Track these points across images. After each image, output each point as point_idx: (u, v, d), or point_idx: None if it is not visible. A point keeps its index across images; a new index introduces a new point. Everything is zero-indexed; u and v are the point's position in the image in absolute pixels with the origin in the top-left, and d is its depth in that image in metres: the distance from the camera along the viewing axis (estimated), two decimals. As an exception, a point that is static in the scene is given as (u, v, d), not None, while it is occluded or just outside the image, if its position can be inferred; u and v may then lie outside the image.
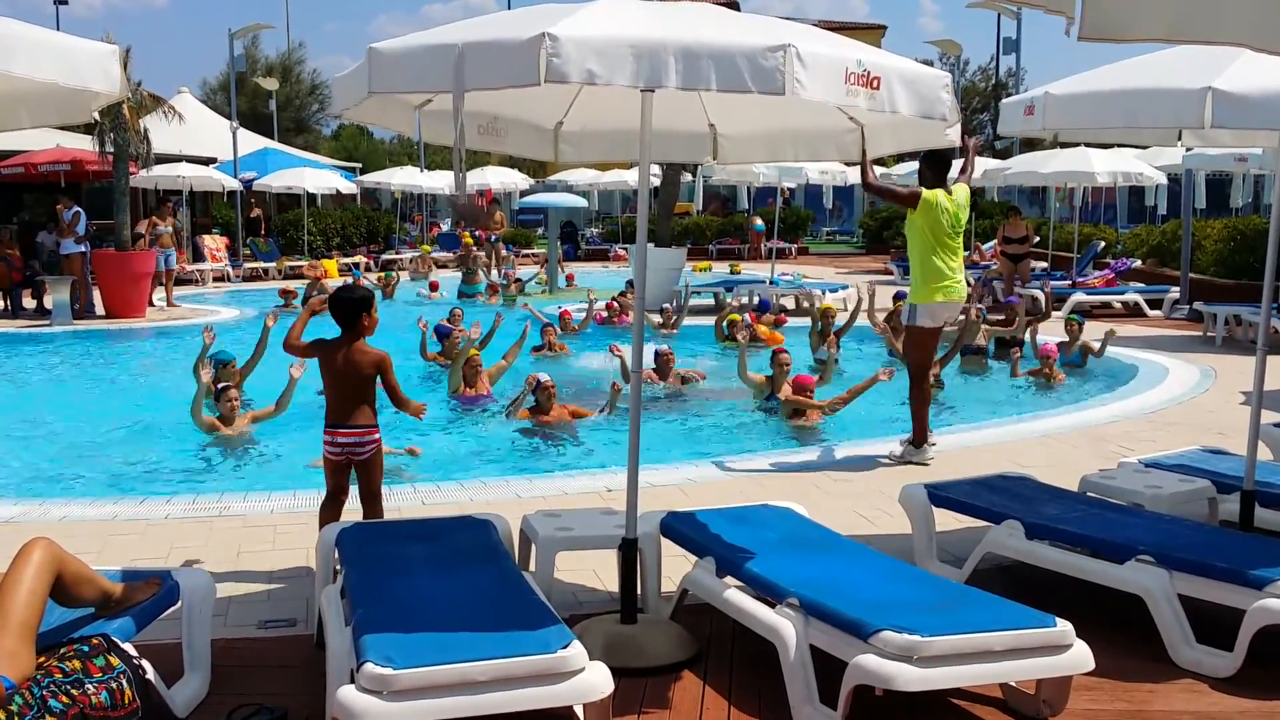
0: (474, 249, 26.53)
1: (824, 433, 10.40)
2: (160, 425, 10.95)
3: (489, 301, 22.09)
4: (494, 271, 26.22)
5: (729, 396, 12.18)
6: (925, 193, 8.34)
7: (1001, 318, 15.26)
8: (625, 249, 34.82)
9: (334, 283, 23.37)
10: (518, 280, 24.10)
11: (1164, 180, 24.59)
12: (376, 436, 6.09)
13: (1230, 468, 6.73)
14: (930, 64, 25.84)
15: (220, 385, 10.31)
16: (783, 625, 4.50)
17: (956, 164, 8.64)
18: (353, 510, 6.15)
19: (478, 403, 11.36)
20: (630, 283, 19.59)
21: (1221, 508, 6.43)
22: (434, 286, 23.86)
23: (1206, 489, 6.44)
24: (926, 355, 8.79)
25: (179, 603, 4.69)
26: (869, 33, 51.51)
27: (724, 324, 15.44)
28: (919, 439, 8.64)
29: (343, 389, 6.01)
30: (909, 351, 8.94)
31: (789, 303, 20.39)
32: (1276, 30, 4.03)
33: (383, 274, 24.60)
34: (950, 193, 8.40)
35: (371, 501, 6.16)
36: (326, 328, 6.11)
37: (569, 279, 25.55)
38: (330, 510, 6.10)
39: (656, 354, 12.79)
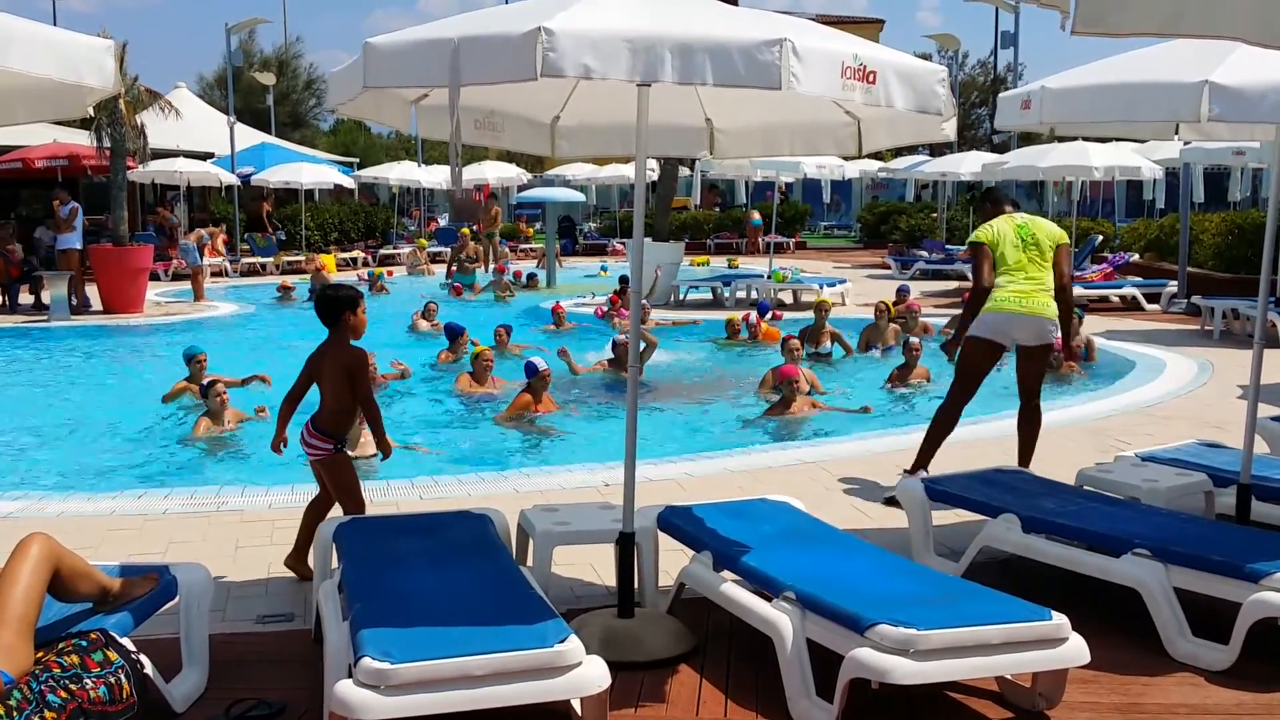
0: (470, 241, 26.53)
1: (820, 427, 10.41)
2: (158, 420, 10.96)
3: (475, 294, 22.43)
4: (491, 267, 26.24)
5: (726, 391, 12.19)
6: (973, 237, 7.69)
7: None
8: (623, 243, 34.84)
9: (334, 277, 23.42)
10: (531, 275, 24.19)
11: (1161, 174, 24.58)
12: (325, 447, 5.91)
13: (1226, 461, 6.74)
14: (929, 58, 25.91)
15: (208, 380, 10.31)
16: (779, 619, 4.51)
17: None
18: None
19: (481, 399, 11.36)
20: (624, 278, 19.63)
21: (1218, 501, 6.45)
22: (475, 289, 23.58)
23: (1203, 482, 6.46)
24: (969, 373, 7.75)
25: (177, 597, 4.69)
26: (867, 27, 51.50)
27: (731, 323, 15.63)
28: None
29: (321, 388, 5.95)
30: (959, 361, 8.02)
31: (786, 297, 20.41)
32: (1272, 24, 4.03)
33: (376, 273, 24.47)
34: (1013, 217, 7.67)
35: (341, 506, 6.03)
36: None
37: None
38: (312, 508, 6.10)
39: (614, 344, 12.73)
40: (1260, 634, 4.78)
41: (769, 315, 16.43)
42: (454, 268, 25.03)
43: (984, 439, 9.19)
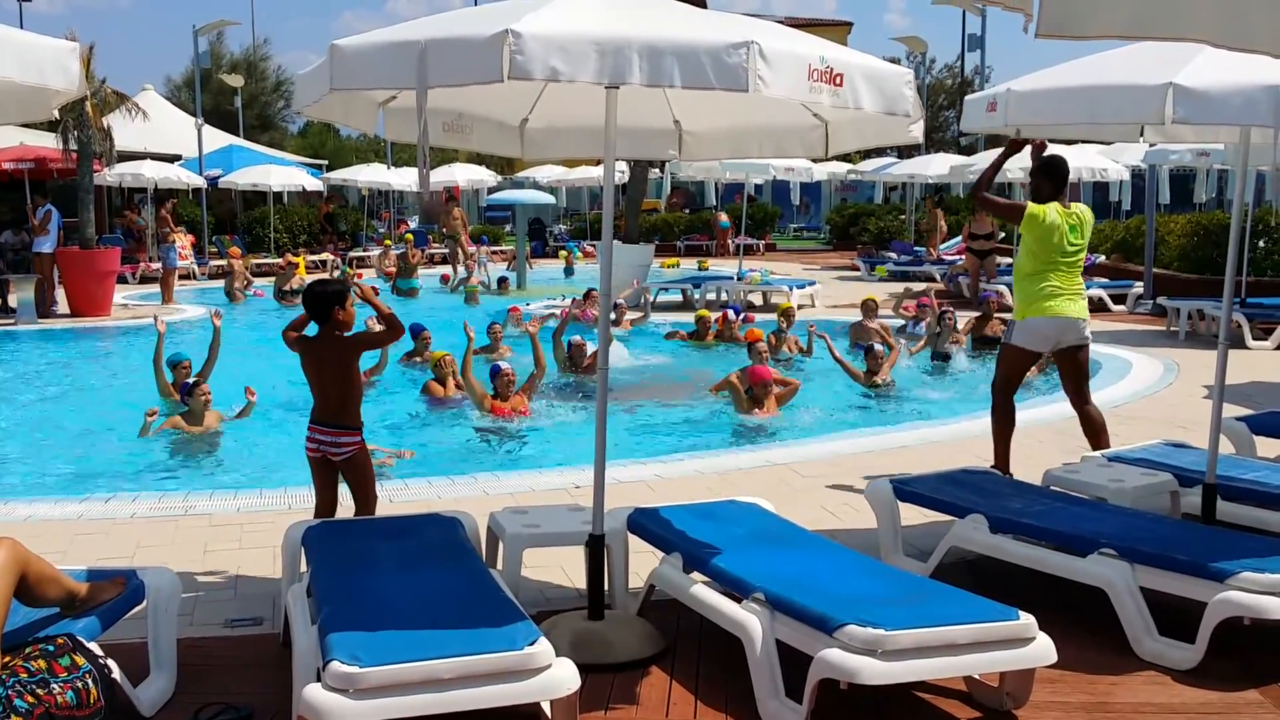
0: (411, 246, 26.43)
1: (789, 428, 10.43)
2: (126, 424, 10.86)
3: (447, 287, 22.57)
4: (460, 268, 26.16)
5: (696, 392, 12.19)
6: (1032, 207, 7.54)
7: (978, 314, 15.45)
8: (593, 245, 34.78)
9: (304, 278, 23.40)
10: (501, 278, 24.20)
11: (1127, 176, 24.76)
12: (356, 439, 6.00)
13: (1192, 461, 6.79)
14: (897, 61, 26.01)
15: (191, 380, 10.28)
16: (749, 620, 4.52)
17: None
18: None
19: (448, 404, 11.34)
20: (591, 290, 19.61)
21: (1184, 501, 6.49)
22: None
23: (1169, 482, 6.50)
24: (1012, 373, 7.94)
25: (144, 602, 4.67)
26: (835, 29, 51.68)
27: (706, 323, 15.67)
28: (998, 465, 7.72)
29: (323, 385, 5.95)
30: (997, 366, 8.10)
31: (756, 299, 20.44)
32: (1235, 26, 4.06)
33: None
34: (1068, 208, 7.65)
35: (362, 504, 6.08)
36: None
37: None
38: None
39: (570, 344, 12.83)
40: (1226, 633, 4.81)
41: (741, 318, 16.44)
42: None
43: (950, 439, 9.24)
